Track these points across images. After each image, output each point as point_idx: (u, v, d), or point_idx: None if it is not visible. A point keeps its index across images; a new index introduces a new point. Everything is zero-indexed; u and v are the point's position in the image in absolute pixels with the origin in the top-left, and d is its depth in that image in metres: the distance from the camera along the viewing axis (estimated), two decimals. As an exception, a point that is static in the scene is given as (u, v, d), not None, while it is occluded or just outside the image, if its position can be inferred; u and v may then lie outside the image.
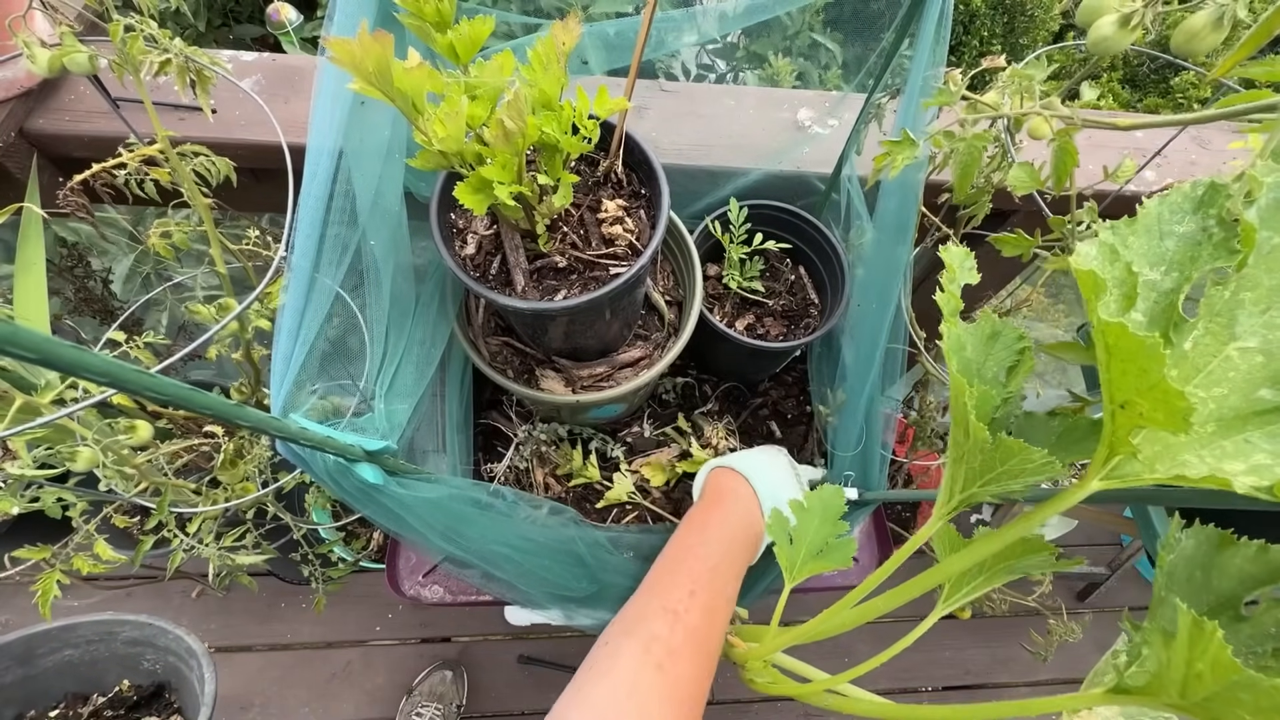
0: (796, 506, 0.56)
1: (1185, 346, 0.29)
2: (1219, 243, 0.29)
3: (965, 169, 0.52)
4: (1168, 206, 0.30)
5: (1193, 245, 0.29)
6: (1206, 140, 0.94)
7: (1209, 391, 0.29)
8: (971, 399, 0.34)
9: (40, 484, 0.62)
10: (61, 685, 0.89)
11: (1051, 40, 2.21)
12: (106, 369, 0.23)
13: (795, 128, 0.89)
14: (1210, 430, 0.29)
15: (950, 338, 0.36)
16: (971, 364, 0.38)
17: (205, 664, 0.83)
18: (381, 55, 0.38)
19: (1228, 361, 0.29)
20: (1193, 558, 0.32)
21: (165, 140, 0.60)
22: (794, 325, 0.84)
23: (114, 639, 0.89)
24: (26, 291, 0.65)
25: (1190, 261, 0.29)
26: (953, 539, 0.45)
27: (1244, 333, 0.29)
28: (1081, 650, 1.56)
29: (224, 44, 1.65)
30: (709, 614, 0.52)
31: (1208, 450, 0.28)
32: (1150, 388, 0.24)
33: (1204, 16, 0.39)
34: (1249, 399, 0.28)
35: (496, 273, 0.58)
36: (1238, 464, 0.27)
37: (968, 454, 0.36)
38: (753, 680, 0.54)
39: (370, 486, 0.45)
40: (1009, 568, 0.43)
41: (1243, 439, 0.28)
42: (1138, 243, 0.30)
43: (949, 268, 0.38)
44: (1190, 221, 0.30)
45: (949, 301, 0.37)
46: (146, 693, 0.92)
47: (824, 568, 0.53)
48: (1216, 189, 0.29)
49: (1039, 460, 0.32)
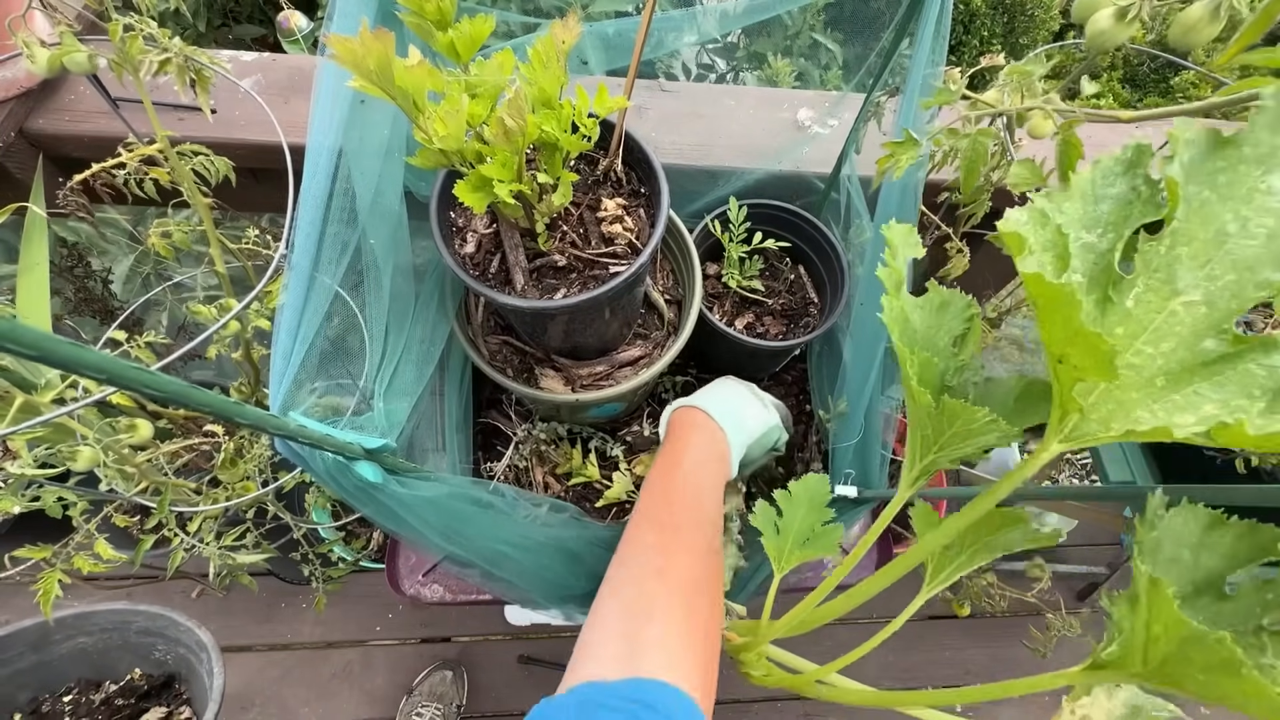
0: (783, 497, 0.57)
1: (1128, 304, 0.30)
2: (1146, 199, 0.30)
3: (971, 166, 0.52)
4: (1100, 171, 0.31)
5: (1124, 205, 0.30)
6: (1206, 139, 0.93)
7: (1156, 347, 0.30)
8: (913, 366, 0.35)
9: (41, 483, 0.62)
10: (75, 671, 0.91)
11: (1052, 39, 2.21)
12: (105, 366, 0.23)
13: (795, 127, 0.89)
14: (1161, 384, 0.29)
15: (891, 309, 0.37)
16: (917, 334, 0.39)
17: (215, 658, 0.84)
18: (383, 53, 0.38)
19: (1173, 316, 0.29)
20: (1180, 536, 0.32)
21: (165, 140, 0.60)
22: (793, 324, 0.84)
23: (128, 628, 0.90)
24: (29, 291, 0.65)
25: (1123, 221, 0.30)
26: (928, 515, 0.45)
27: (1186, 286, 0.29)
28: (1081, 650, 1.56)
29: (224, 44, 1.65)
30: (695, 514, 0.56)
31: (1159, 405, 0.29)
32: (1074, 335, 0.25)
33: (1200, 8, 0.39)
34: (1195, 351, 0.29)
35: (496, 271, 0.58)
36: (1188, 416, 0.28)
37: (919, 422, 0.37)
38: (749, 673, 0.55)
39: (369, 485, 0.45)
40: (989, 543, 0.44)
41: (1192, 391, 0.29)
42: (1073, 208, 0.31)
43: (890, 243, 0.39)
44: (1121, 183, 0.31)
45: (891, 275, 0.38)
46: (157, 682, 0.93)
47: (811, 555, 0.53)
48: (1142, 150, 0.30)
49: (984, 419, 0.33)
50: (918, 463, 0.39)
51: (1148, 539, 0.32)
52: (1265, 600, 0.30)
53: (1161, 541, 0.32)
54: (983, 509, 0.38)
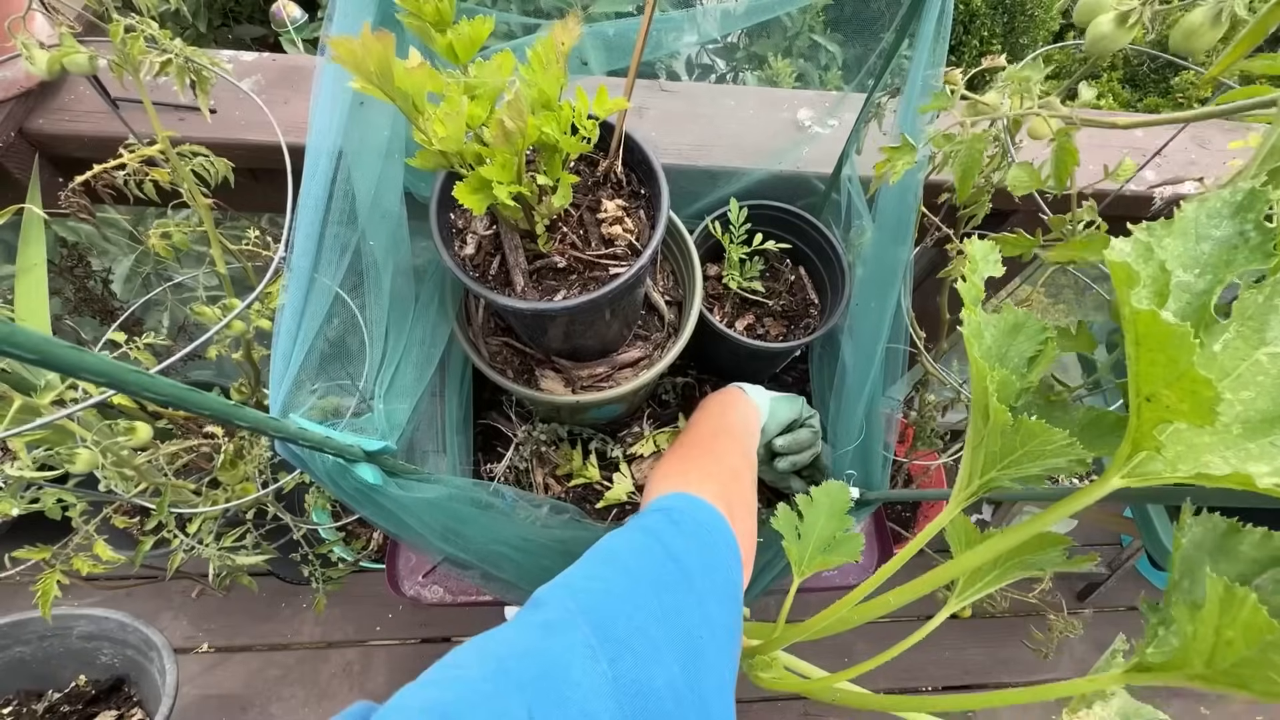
0: (804, 502, 0.57)
1: (1215, 348, 0.30)
2: (1255, 246, 0.29)
3: (966, 169, 0.52)
4: (1205, 210, 0.30)
5: (1228, 249, 0.30)
6: (1206, 140, 0.93)
7: (1236, 394, 0.29)
8: (993, 382, 0.34)
9: (40, 485, 0.62)
10: (13, 683, 0.87)
11: (1052, 40, 2.21)
12: (104, 369, 0.23)
13: (795, 128, 0.89)
14: (1236, 433, 0.29)
15: (971, 325, 0.37)
16: (993, 351, 0.39)
17: (166, 655, 0.82)
18: (383, 55, 0.38)
19: (1257, 365, 0.29)
20: (1201, 544, 0.32)
21: (165, 140, 0.60)
22: (794, 325, 0.84)
23: (68, 634, 0.87)
24: (28, 292, 0.65)
25: (1225, 265, 0.30)
26: (969, 533, 0.45)
27: (1275, 337, 0.29)
28: (1081, 651, 1.56)
29: (224, 44, 1.65)
30: (733, 452, 0.61)
31: (1232, 451, 0.29)
32: (1178, 378, 0.25)
33: (1202, 13, 0.39)
34: (1277, 402, 0.29)
35: (496, 273, 0.57)
36: (1262, 466, 0.28)
37: (987, 438, 0.36)
38: (758, 676, 0.54)
39: (369, 487, 0.45)
40: (1023, 563, 0.44)
41: (1268, 442, 0.28)
42: (1173, 244, 0.30)
43: (971, 259, 0.39)
44: (1227, 226, 0.30)
45: (970, 290, 0.37)
46: (104, 687, 0.90)
47: (832, 562, 0.53)
48: (1256, 195, 0.29)
49: (1060, 441, 0.32)
50: (976, 479, 0.38)
51: (1182, 546, 0.32)
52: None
53: (1188, 550, 0.32)
54: (1030, 532, 0.38)
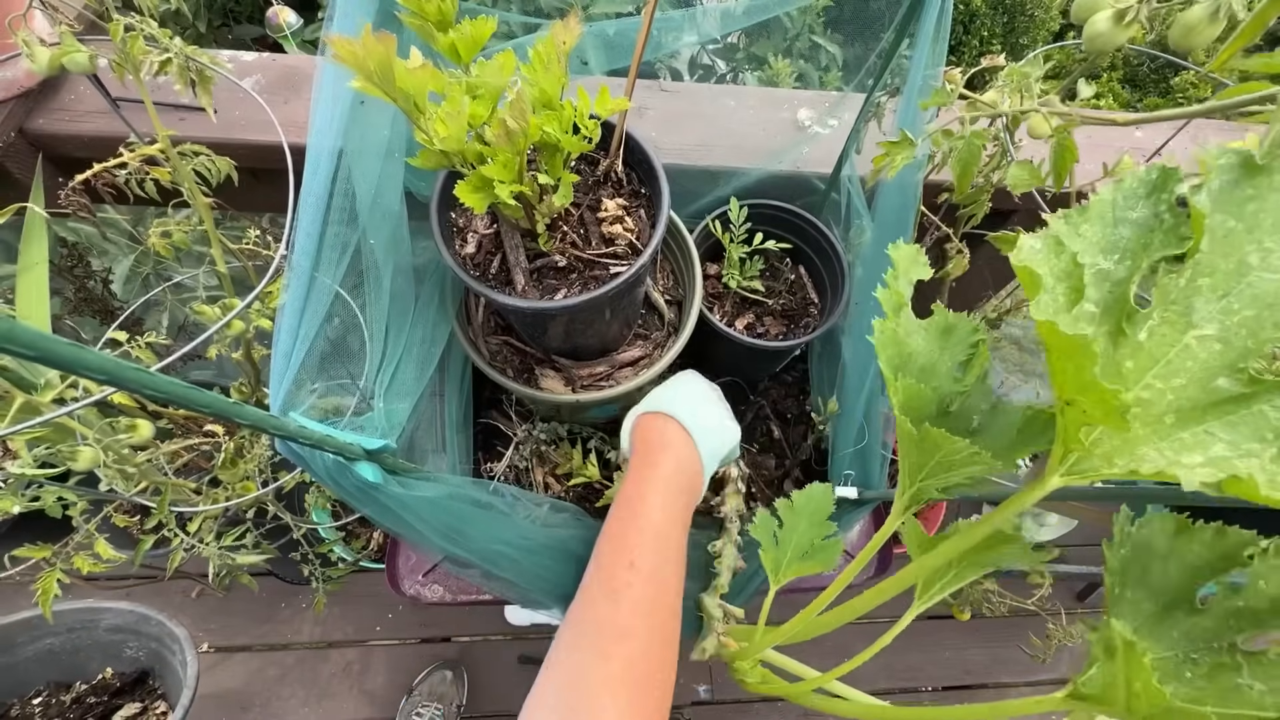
0: (785, 507, 0.55)
1: (1140, 337, 0.29)
2: (1169, 229, 0.28)
3: (965, 167, 0.52)
4: (1122, 192, 0.29)
5: (1145, 232, 0.29)
6: (1205, 140, 0.94)
7: (1167, 383, 0.28)
8: (897, 393, 0.34)
9: (41, 483, 0.62)
10: (43, 674, 0.89)
11: (1052, 40, 2.21)
12: (104, 366, 0.23)
13: (795, 127, 0.89)
14: (1170, 422, 0.28)
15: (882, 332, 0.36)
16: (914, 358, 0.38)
17: (187, 648, 0.83)
18: (384, 55, 0.38)
19: (1186, 351, 0.28)
20: (1150, 547, 0.31)
21: (166, 140, 0.60)
22: (793, 324, 0.84)
23: (95, 626, 0.89)
24: (28, 291, 0.65)
25: (1143, 249, 0.28)
26: (920, 537, 0.44)
27: (1201, 320, 0.28)
28: (1081, 650, 1.56)
29: (224, 44, 1.65)
30: (656, 580, 0.50)
31: (1166, 443, 0.27)
32: (1084, 386, 0.24)
33: (1200, 10, 0.39)
34: (1207, 389, 0.27)
35: (496, 272, 0.58)
36: (1196, 456, 0.26)
37: (906, 449, 0.36)
38: (743, 680, 0.54)
39: (369, 485, 0.45)
40: (978, 561, 0.43)
41: (1202, 430, 0.27)
42: (1091, 230, 0.29)
43: (895, 263, 0.38)
44: (1144, 207, 0.29)
45: (891, 298, 0.36)
46: (130, 679, 0.92)
47: (809, 570, 0.52)
48: (1169, 173, 0.28)
49: (965, 451, 0.32)
50: (907, 489, 0.38)
51: (1116, 559, 0.31)
52: (1237, 610, 0.28)
53: (1130, 558, 0.31)
54: (977, 536, 0.37)
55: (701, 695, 1.47)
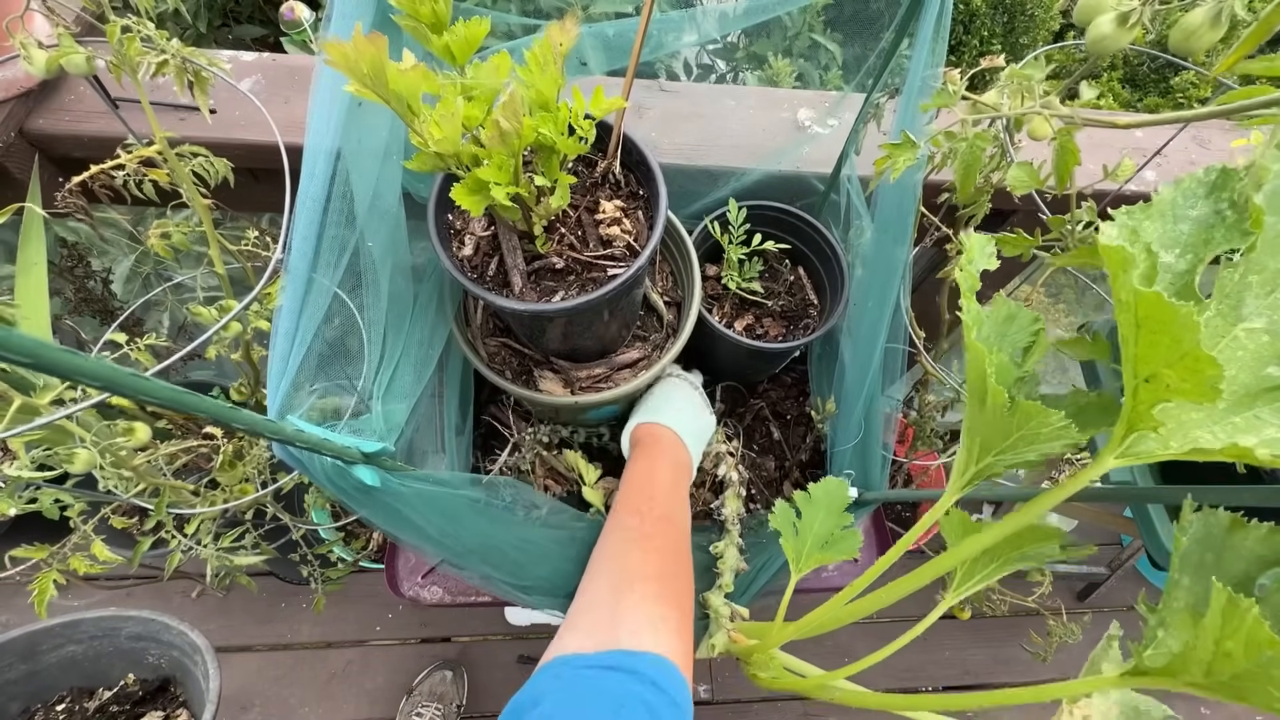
0: (803, 499, 0.57)
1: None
2: (1231, 225, 0.30)
3: (968, 169, 0.52)
4: (1181, 191, 0.31)
5: (1206, 228, 0.30)
6: (1206, 140, 0.93)
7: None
8: (992, 365, 0.34)
9: (38, 485, 0.62)
10: (66, 680, 0.90)
11: (1052, 40, 2.21)
12: (100, 373, 0.23)
13: (795, 128, 0.89)
14: (1222, 407, 0.30)
15: (969, 311, 0.37)
16: (990, 338, 0.39)
17: (209, 659, 0.83)
18: (376, 57, 0.38)
19: (1236, 341, 0.30)
20: (1203, 541, 0.32)
21: (164, 141, 0.60)
22: (793, 326, 0.84)
23: (117, 634, 0.89)
24: (28, 292, 0.65)
25: (1204, 244, 0.30)
26: (964, 523, 0.45)
27: (1250, 314, 0.30)
28: (1082, 650, 1.56)
29: (224, 44, 1.65)
30: (669, 514, 0.60)
31: (1219, 426, 0.29)
32: (1181, 357, 0.25)
33: (1201, 14, 0.39)
34: (1258, 376, 0.29)
35: (494, 274, 0.57)
36: (1250, 438, 0.28)
37: (984, 424, 0.36)
38: (756, 675, 0.54)
39: (368, 488, 0.45)
40: (1021, 555, 0.44)
41: (1253, 415, 0.29)
42: (1152, 227, 0.31)
43: (967, 251, 0.39)
44: (1203, 205, 0.31)
45: (966, 280, 0.38)
46: (152, 687, 0.92)
47: (830, 558, 0.53)
48: (1228, 174, 0.30)
49: (1056, 423, 0.33)
50: (972, 465, 0.39)
51: (1182, 544, 0.32)
52: None
53: (1190, 548, 0.32)
54: (1026, 519, 0.38)
55: (701, 695, 1.47)
